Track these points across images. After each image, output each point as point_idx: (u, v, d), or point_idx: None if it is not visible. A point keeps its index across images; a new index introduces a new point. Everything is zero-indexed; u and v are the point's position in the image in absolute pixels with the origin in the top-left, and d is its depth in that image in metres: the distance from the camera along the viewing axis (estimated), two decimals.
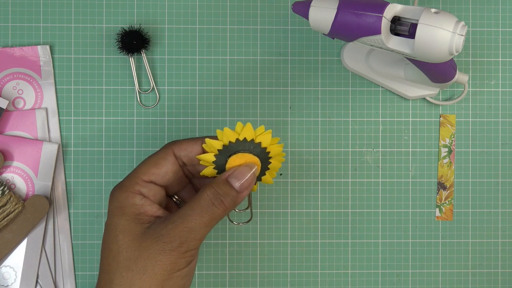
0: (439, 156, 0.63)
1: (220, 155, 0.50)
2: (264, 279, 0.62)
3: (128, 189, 0.49)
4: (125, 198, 0.49)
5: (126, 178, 0.50)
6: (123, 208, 0.49)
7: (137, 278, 0.47)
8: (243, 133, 0.49)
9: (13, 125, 0.61)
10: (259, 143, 0.50)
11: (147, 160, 0.50)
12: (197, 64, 0.62)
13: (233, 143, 0.49)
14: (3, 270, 0.60)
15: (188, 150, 0.50)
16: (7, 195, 0.58)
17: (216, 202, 0.48)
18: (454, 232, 0.63)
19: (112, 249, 0.48)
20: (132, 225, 0.48)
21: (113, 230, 0.48)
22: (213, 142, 0.49)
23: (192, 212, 0.47)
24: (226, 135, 0.49)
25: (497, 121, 0.63)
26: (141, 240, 0.47)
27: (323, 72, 0.63)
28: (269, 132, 0.50)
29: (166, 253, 0.47)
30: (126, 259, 0.47)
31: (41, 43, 0.62)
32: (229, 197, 0.48)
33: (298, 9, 0.51)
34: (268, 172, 0.53)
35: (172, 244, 0.47)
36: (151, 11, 0.62)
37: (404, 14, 0.50)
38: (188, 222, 0.47)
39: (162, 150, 0.51)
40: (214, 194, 0.48)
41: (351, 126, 0.63)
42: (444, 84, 0.58)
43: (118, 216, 0.48)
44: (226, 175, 0.49)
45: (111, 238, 0.48)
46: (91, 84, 0.62)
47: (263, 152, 0.51)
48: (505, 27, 0.63)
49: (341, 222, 0.62)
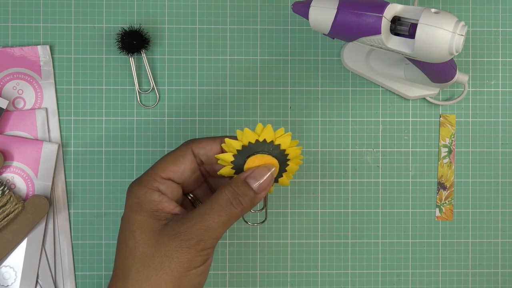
0: (439, 156, 0.63)
1: (238, 155, 0.50)
2: (264, 279, 0.62)
3: (146, 185, 0.49)
4: (143, 194, 0.49)
5: (144, 174, 0.50)
6: (141, 203, 0.49)
7: (153, 274, 0.47)
8: (263, 134, 0.49)
9: (13, 125, 0.61)
10: (279, 145, 0.50)
11: (165, 157, 0.51)
12: (197, 64, 0.62)
13: (252, 144, 0.49)
14: (3, 270, 0.60)
15: (207, 148, 0.50)
16: (7, 195, 0.58)
17: (234, 202, 0.48)
18: (454, 232, 0.63)
19: (129, 244, 0.48)
20: (149, 221, 0.48)
21: (131, 225, 0.49)
22: (233, 142, 0.49)
23: (211, 211, 0.48)
24: (246, 135, 0.49)
25: (497, 121, 0.63)
26: (159, 237, 0.47)
27: (323, 72, 0.63)
28: (289, 135, 0.50)
29: (183, 250, 0.47)
30: (143, 254, 0.47)
31: (41, 43, 0.62)
32: (247, 198, 0.48)
33: (298, 9, 0.51)
34: (285, 174, 0.52)
35: (189, 241, 0.47)
36: (151, 11, 0.62)
37: (404, 14, 0.50)
38: (206, 221, 0.47)
39: (181, 147, 0.51)
40: (233, 193, 0.48)
41: (351, 126, 0.63)
42: (444, 84, 0.58)
43: (136, 211, 0.49)
44: (244, 175, 0.49)
45: (128, 233, 0.48)
46: (91, 84, 0.62)
47: (282, 154, 0.51)
48: (505, 27, 0.63)
49: (341, 222, 0.62)
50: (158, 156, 0.62)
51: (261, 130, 0.49)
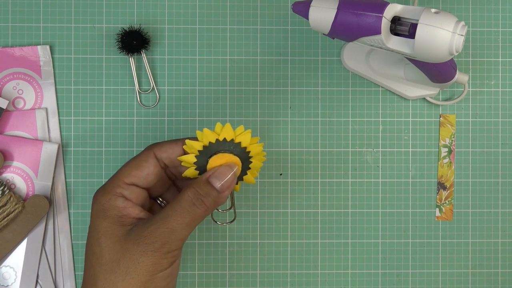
0: (439, 156, 0.63)
1: (200, 156, 0.50)
2: (264, 279, 0.62)
3: (110, 192, 0.49)
4: (107, 201, 0.49)
5: (108, 181, 0.50)
6: (105, 210, 0.49)
7: (120, 280, 0.47)
8: (222, 133, 0.50)
9: (13, 125, 0.61)
10: (239, 143, 0.51)
11: (128, 163, 0.51)
12: (197, 64, 0.62)
13: (213, 144, 0.50)
14: (3, 270, 0.60)
15: (169, 152, 0.51)
16: (7, 195, 0.58)
17: (197, 203, 0.48)
18: (454, 232, 0.63)
19: (95, 252, 0.48)
20: (114, 228, 0.48)
21: (96, 232, 0.49)
22: (193, 143, 0.50)
23: (174, 212, 0.48)
24: (205, 135, 0.50)
25: (497, 121, 0.63)
26: (123, 242, 0.47)
27: (323, 72, 0.63)
28: (249, 132, 0.51)
29: (148, 254, 0.47)
30: (109, 261, 0.47)
31: (41, 43, 0.62)
32: (210, 197, 0.49)
33: (298, 9, 0.51)
34: (249, 172, 0.53)
35: (154, 245, 0.47)
36: (151, 11, 0.62)
37: (404, 14, 0.50)
38: (169, 223, 0.47)
39: (143, 152, 0.51)
40: (195, 194, 0.48)
41: (351, 126, 0.63)
42: (444, 84, 0.58)
43: (101, 218, 0.49)
44: (207, 175, 0.49)
45: (93, 240, 0.49)
46: (91, 84, 0.62)
47: (243, 152, 0.51)
48: (505, 27, 0.63)
49: (341, 222, 0.62)
50: None
51: (221, 129, 0.50)
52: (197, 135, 0.50)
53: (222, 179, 0.49)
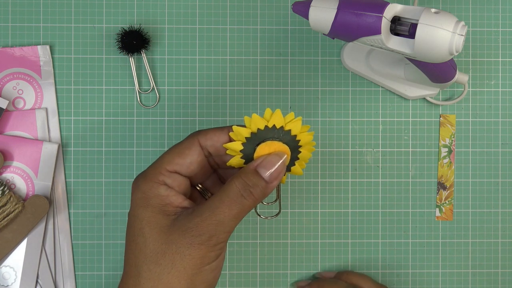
0: (439, 156, 0.63)
1: (247, 144, 0.48)
2: (264, 279, 0.62)
3: (152, 179, 0.47)
4: (149, 189, 0.47)
5: (150, 167, 0.48)
6: (147, 199, 0.47)
7: (165, 273, 0.45)
8: (272, 119, 0.47)
9: (13, 125, 0.61)
10: (289, 131, 0.48)
11: (171, 150, 0.49)
12: (197, 64, 0.62)
13: (261, 131, 0.47)
14: (3, 270, 0.60)
15: (214, 139, 0.48)
16: (7, 195, 0.58)
17: (245, 194, 0.46)
18: (454, 232, 0.63)
19: (138, 242, 0.47)
20: (158, 217, 0.46)
21: (138, 222, 0.47)
22: (241, 129, 0.47)
23: (221, 204, 0.46)
24: (254, 122, 0.47)
25: (497, 121, 0.63)
26: (168, 233, 0.46)
27: (323, 72, 0.63)
28: (299, 119, 0.48)
29: (195, 246, 0.45)
30: (154, 252, 0.46)
31: (41, 43, 0.62)
32: (259, 188, 0.46)
33: (298, 9, 0.51)
34: (297, 162, 0.50)
35: (201, 237, 0.45)
36: (151, 11, 0.62)
37: (404, 14, 0.50)
38: (217, 215, 0.45)
39: (187, 139, 0.49)
40: (243, 185, 0.46)
41: (351, 126, 0.63)
42: (444, 84, 0.58)
43: (143, 207, 0.47)
44: (255, 164, 0.47)
45: (136, 230, 0.47)
46: (91, 84, 0.62)
47: (293, 140, 0.48)
48: (505, 27, 0.63)
49: (341, 222, 0.62)
50: (158, 156, 0.62)
51: (270, 115, 0.47)
52: (245, 121, 0.47)
53: (270, 169, 0.47)
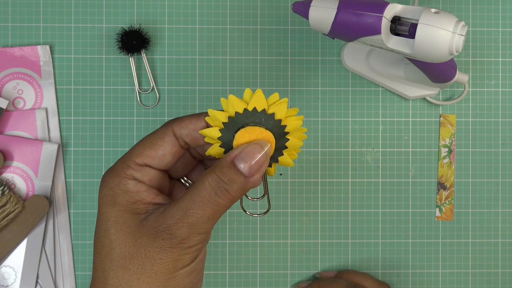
0: (439, 156, 0.63)
1: (226, 130, 0.42)
2: (264, 279, 0.62)
3: (119, 174, 0.42)
4: (117, 185, 0.42)
5: (118, 161, 0.43)
6: (114, 196, 0.42)
7: (134, 279, 0.41)
8: (252, 102, 0.42)
9: (13, 125, 0.61)
10: (272, 114, 0.42)
11: (142, 141, 0.44)
12: (197, 64, 0.62)
13: (240, 114, 0.42)
14: (3, 270, 0.60)
15: (190, 127, 0.43)
16: (7, 195, 0.58)
17: (219, 192, 0.41)
18: (454, 232, 0.63)
19: (104, 245, 0.42)
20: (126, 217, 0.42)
21: (104, 222, 0.42)
22: (217, 113, 0.42)
23: (193, 204, 0.41)
24: (232, 104, 0.41)
25: (497, 121, 0.63)
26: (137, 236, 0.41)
27: (323, 72, 0.63)
28: (285, 101, 0.42)
29: (166, 250, 0.41)
30: (121, 256, 0.42)
31: (41, 43, 0.62)
32: (236, 185, 0.41)
33: (298, 9, 0.51)
34: (286, 152, 0.43)
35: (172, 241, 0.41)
36: (151, 11, 0.62)
37: (404, 14, 0.50)
38: (189, 217, 0.41)
39: (160, 128, 0.44)
40: (217, 181, 0.41)
41: (351, 126, 0.63)
42: (444, 84, 0.58)
43: (110, 205, 0.42)
44: (232, 155, 0.41)
45: (102, 231, 0.42)
46: (91, 84, 0.62)
47: (278, 126, 0.42)
48: (505, 27, 0.63)
49: (341, 222, 0.62)
50: None
51: (250, 96, 0.42)
52: (222, 103, 0.42)
53: (250, 161, 0.41)
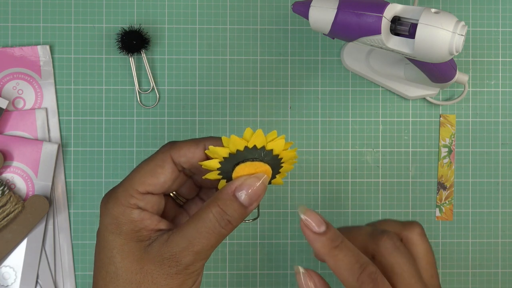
0: (439, 156, 0.63)
1: (225, 163, 0.45)
2: (264, 279, 0.62)
3: (123, 203, 0.44)
4: (121, 214, 0.44)
5: (120, 188, 0.45)
6: (119, 225, 0.44)
7: None
8: (252, 140, 0.44)
9: (13, 125, 0.61)
10: (271, 150, 0.45)
11: (142, 167, 0.45)
12: (197, 64, 0.62)
13: (241, 151, 0.44)
14: (3, 270, 0.60)
15: (189, 156, 0.45)
16: (7, 195, 0.58)
17: (222, 223, 0.44)
18: (454, 232, 0.63)
19: (109, 271, 0.44)
20: (131, 245, 0.44)
21: (109, 250, 0.44)
22: (218, 149, 0.44)
23: (199, 234, 0.43)
24: (233, 143, 0.44)
25: (497, 121, 0.63)
26: (143, 263, 0.43)
27: (323, 72, 0.63)
28: (282, 138, 0.44)
29: (173, 277, 0.43)
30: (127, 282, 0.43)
31: (41, 43, 0.62)
32: (237, 215, 0.44)
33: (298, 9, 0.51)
34: (278, 175, 0.48)
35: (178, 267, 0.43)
36: (151, 11, 0.62)
37: (404, 14, 0.50)
38: (194, 246, 0.43)
39: (159, 155, 0.45)
40: (221, 214, 0.44)
41: (351, 126, 0.63)
42: (444, 84, 0.58)
43: (115, 234, 0.44)
44: (232, 187, 0.44)
45: (106, 259, 0.44)
46: (91, 84, 0.62)
47: (275, 158, 0.46)
48: (505, 27, 0.63)
49: (341, 222, 0.62)
50: None
51: (251, 135, 0.44)
52: (223, 141, 0.44)
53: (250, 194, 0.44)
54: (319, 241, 0.44)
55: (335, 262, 0.43)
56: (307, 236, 0.44)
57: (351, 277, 0.43)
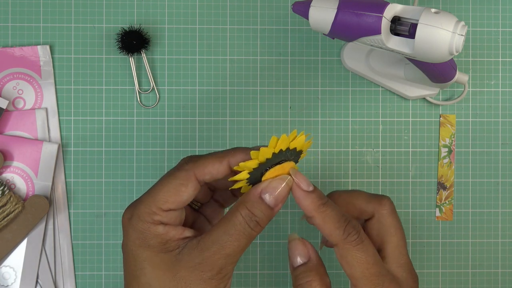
0: (439, 156, 0.63)
1: (255, 171, 0.46)
2: (264, 279, 0.62)
3: (147, 220, 0.45)
4: (147, 229, 0.45)
5: (142, 205, 0.46)
6: (146, 239, 0.45)
7: None
8: (278, 145, 0.46)
9: (13, 125, 0.61)
10: (294, 148, 0.47)
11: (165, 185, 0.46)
12: (197, 64, 0.62)
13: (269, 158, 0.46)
14: (3, 270, 0.60)
15: (213, 173, 0.46)
16: (7, 195, 0.58)
17: (252, 225, 0.45)
18: (454, 232, 0.63)
19: (141, 282, 0.45)
20: (160, 256, 0.45)
21: (139, 262, 0.45)
22: (248, 163, 0.45)
23: (229, 237, 0.44)
24: (262, 154, 0.45)
25: (497, 121, 0.63)
26: (175, 271, 0.44)
27: (323, 72, 0.63)
28: (302, 135, 0.47)
29: (206, 281, 0.44)
30: None
31: (41, 43, 0.62)
32: (265, 216, 0.45)
33: (298, 9, 0.51)
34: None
35: (211, 272, 0.44)
36: (151, 11, 0.62)
37: (404, 14, 0.50)
38: (226, 249, 0.44)
39: (182, 173, 0.46)
40: (249, 216, 0.45)
41: (351, 126, 0.63)
42: (444, 84, 0.58)
43: (143, 248, 0.45)
44: (258, 190, 0.45)
45: (138, 270, 0.45)
46: (91, 84, 0.62)
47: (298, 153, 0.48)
48: (505, 27, 0.63)
49: None
50: (158, 156, 0.62)
51: (276, 142, 0.46)
52: (252, 155, 0.45)
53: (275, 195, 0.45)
54: (309, 198, 0.46)
55: (323, 217, 0.45)
56: (297, 195, 0.46)
57: (338, 229, 0.45)
